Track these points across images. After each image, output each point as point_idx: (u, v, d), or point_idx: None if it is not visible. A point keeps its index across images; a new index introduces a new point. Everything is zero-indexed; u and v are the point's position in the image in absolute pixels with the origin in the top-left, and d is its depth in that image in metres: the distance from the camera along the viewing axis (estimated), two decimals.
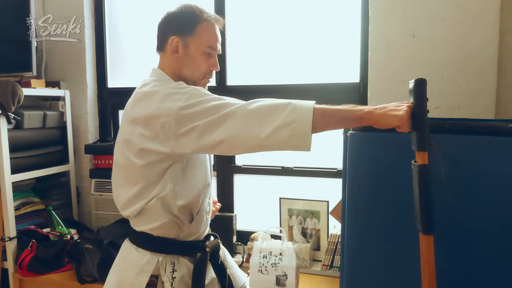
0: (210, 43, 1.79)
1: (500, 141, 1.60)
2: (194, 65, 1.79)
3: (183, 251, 1.79)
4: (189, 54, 1.78)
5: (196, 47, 1.78)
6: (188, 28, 1.78)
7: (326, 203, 2.90)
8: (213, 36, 1.80)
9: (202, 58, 1.78)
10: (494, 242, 1.62)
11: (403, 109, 1.44)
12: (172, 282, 1.72)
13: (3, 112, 2.79)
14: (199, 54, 1.78)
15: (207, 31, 1.79)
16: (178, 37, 1.78)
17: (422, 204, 1.52)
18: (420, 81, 1.52)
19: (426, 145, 1.53)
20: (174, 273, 1.74)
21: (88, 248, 2.79)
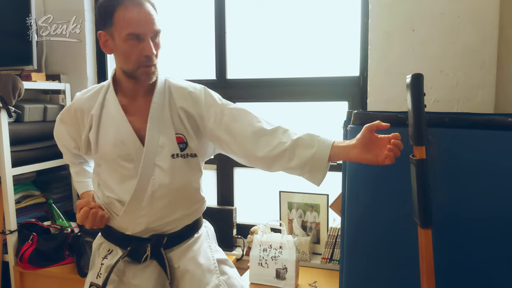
0: (129, 29, 1.64)
1: (499, 135, 1.61)
2: (123, 56, 1.69)
3: (117, 242, 1.84)
4: (116, 45, 1.69)
5: (119, 37, 1.66)
6: (107, 19, 1.67)
7: (326, 196, 2.90)
8: (131, 19, 1.64)
9: (128, 46, 1.66)
10: (492, 235, 1.63)
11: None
12: (100, 268, 1.80)
13: (3, 106, 2.79)
14: (123, 43, 1.66)
15: (124, 17, 1.64)
16: (103, 31, 1.71)
17: (420, 198, 1.53)
18: (417, 76, 1.52)
19: (424, 139, 1.53)
20: (104, 259, 1.82)
21: (89, 241, 2.80)
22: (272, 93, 3.10)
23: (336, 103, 2.98)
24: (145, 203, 1.76)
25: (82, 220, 1.74)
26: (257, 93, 3.15)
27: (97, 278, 1.79)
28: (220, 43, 3.19)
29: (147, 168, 1.74)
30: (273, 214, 3.07)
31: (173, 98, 1.82)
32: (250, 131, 1.75)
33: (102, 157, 1.80)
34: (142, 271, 1.80)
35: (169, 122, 1.80)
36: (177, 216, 1.84)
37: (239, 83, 3.20)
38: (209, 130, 1.81)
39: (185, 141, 1.80)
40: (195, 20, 3.27)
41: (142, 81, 1.74)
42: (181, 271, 1.82)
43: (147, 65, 1.69)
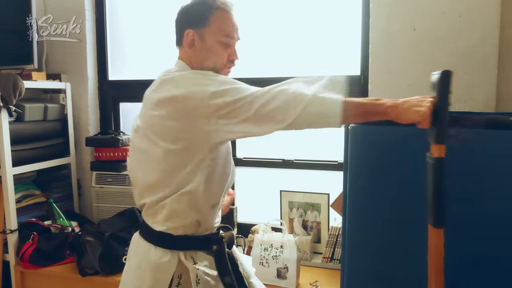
0: (226, 32, 1.74)
1: (501, 135, 1.61)
2: (214, 56, 1.75)
3: (200, 246, 1.75)
4: (206, 46, 1.74)
5: (212, 38, 1.73)
6: (202, 19, 1.73)
7: (326, 195, 2.90)
8: (227, 24, 1.76)
9: (220, 48, 1.75)
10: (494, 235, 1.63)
11: (425, 104, 1.43)
12: (197, 274, 1.67)
13: (4, 105, 2.79)
14: (216, 44, 1.74)
15: (221, 19, 1.74)
16: (193, 30, 1.74)
17: (436, 197, 1.51)
18: (446, 73, 1.49)
19: (445, 138, 1.51)
20: (196, 264, 1.69)
21: (89, 241, 2.80)
22: None
23: None
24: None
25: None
26: None
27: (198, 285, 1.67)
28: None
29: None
30: (273, 213, 3.08)
31: None
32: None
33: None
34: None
35: None
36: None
37: None
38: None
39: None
40: None
41: None
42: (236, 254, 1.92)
43: (229, 67, 1.82)
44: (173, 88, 1.62)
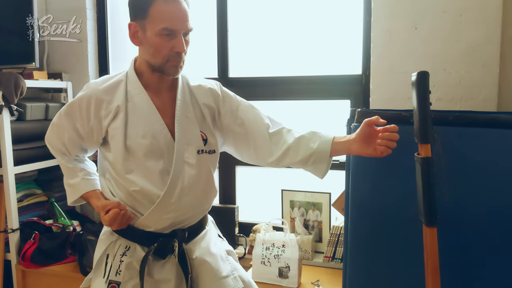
0: (165, 24, 1.65)
1: (503, 133, 1.61)
2: (154, 49, 1.69)
3: (136, 239, 1.81)
4: (147, 38, 1.69)
5: (152, 30, 1.66)
6: (142, 11, 1.67)
7: (328, 195, 2.90)
8: (167, 15, 1.65)
9: (160, 41, 1.66)
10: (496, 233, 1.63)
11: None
12: (119, 265, 1.76)
13: (6, 104, 2.79)
14: (156, 37, 1.66)
15: (161, 11, 1.65)
16: (135, 22, 1.71)
17: (426, 196, 1.53)
18: (423, 74, 1.52)
19: (429, 137, 1.53)
20: (123, 256, 1.78)
21: (91, 240, 2.80)
22: (274, 92, 3.10)
23: (338, 102, 2.98)
24: (174, 199, 1.76)
25: (111, 222, 1.71)
26: (259, 92, 3.14)
27: (116, 276, 1.76)
28: (222, 41, 3.19)
29: (179, 164, 1.76)
30: (275, 212, 3.08)
31: (194, 95, 1.87)
32: (263, 131, 1.87)
33: (130, 151, 1.75)
34: (162, 266, 1.81)
35: (193, 118, 1.83)
36: (197, 210, 1.89)
37: (241, 82, 3.19)
38: (225, 126, 1.90)
39: (205, 138, 1.84)
40: (196, 19, 3.26)
41: (169, 74, 1.76)
42: (198, 262, 1.85)
43: (174, 60, 1.71)
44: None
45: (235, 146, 1.95)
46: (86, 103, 1.78)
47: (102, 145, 1.85)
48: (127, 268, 1.77)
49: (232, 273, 1.91)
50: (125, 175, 1.76)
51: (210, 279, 1.85)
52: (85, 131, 1.82)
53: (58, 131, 1.91)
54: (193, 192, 1.81)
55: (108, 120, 1.76)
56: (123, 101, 1.76)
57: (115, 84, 1.81)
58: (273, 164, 1.87)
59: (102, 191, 1.90)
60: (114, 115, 1.76)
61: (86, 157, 2.05)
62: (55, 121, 1.91)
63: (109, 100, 1.77)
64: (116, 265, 1.77)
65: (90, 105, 1.78)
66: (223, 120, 1.89)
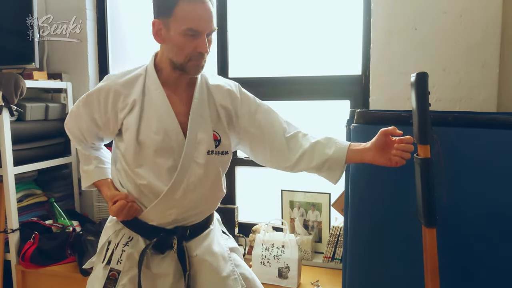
0: (189, 25, 1.65)
1: (503, 134, 1.61)
2: (177, 48, 1.69)
3: (140, 231, 1.83)
4: (171, 37, 1.69)
5: (176, 29, 1.67)
6: (167, 10, 1.67)
7: (327, 195, 2.90)
8: (192, 16, 1.65)
9: (184, 40, 1.67)
10: (496, 234, 1.63)
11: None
12: (121, 254, 1.79)
13: (5, 104, 2.79)
14: (179, 36, 1.67)
15: (186, 11, 1.65)
16: (159, 20, 1.70)
17: (425, 197, 1.53)
18: (422, 75, 1.52)
19: (428, 138, 1.53)
20: (125, 246, 1.80)
21: (91, 240, 2.80)
22: (274, 92, 3.10)
23: (338, 102, 2.98)
24: (178, 196, 1.77)
25: (117, 213, 1.73)
26: (259, 92, 3.11)
27: (117, 264, 1.78)
28: (222, 41, 3.19)
29: (186, 162, 1.77)
30: (274, 212, 3.08)
31: (211, 95, 1.87)
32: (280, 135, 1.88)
33: (142, 145, 1.77)
34: (162, 261, 1.82)
35: (208, 118, 1.83)
36: (202, 208, 1.88)
37: (241, 82, 3.13)
38: (242, 127, 1.89)
39: (218, 139, 1.84)
40: None
41: (190, 73, 1.76)
42: (198, 260, 1.85)
43: (196, 60, 1.72)
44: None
45: (251, 148, 1.95)
46: (104, 94, 1.80)
47: (117, 136, 1.87)
48: (128, 258, 1.78)
49: (233, 273, 1.90)
50: (135, 168, 1.78)
51: (209, 278, 1.85)
52: (102, 121, 1.84)
53: (76, 119, 1.93)
54: (199, 191, 1.81)
55: (124, 113, 1.78)
56: (140, 95, 1.78)
57: (134, 78, 1.82)
58: (288, 169, 1.89)
59: (112, 180, 1.92)
60: (130, 109, 1.78)
61: (102, 145, 2.09)
62: (74, 110, 1.93)
63: (127, 94, 1.79)
64: (118, 254, 1.79)
65: (108, 97, 1.79)
66: (240, 122, 1.89)
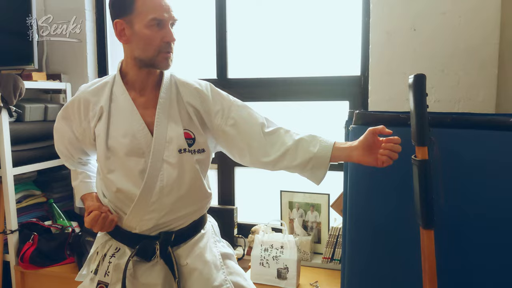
0: (153, 14, 1.65)
1: (501, 136, 1.61)
2: (144, 42, 1.68)
3: (125, 241, 1.82)
4: (136, 32, 1.68)
5: (140, 23, 1.66)
6: (128, 7, 1.67)
7: (327, 196, 2.90)
8: (154, 5, 1.66)
9: (150, 32, 1.67)
10: (494, 236, 1.63)
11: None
12: (108, 266, 1.78)
13: (4, 105, 2.79)
14: (145, 29, 1.66)
15: (147, 2, 1.66)
16: (121, 19, 1.70)
17: (422, 198, 1.53)
18: (419, 77, 1.52)
19: (426, 140, 1.53)
20: (112, 258, 1.79)
21: (90, 241, 2.80)
22: (273, 93, 3.10)
23: (337, 103, 2.98)
24: (154, 199, 1.74)
25: (92, 224, 1.74)
26: (258, 93, 3.15)
27: (105, 277, 1.77)
28: (221, 42, 3.19)
29: (156, 163, 1.74)
30: (274, 213, 3.08)
31: (180, 93, 1.83)
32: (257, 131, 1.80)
33: (112, 150, 1.76)
34: (150, 270, 1.79)
35: (177, 117, 1.80)
36: (185, 212, 1.83)
37: (240, 83, 3.20)
38: (216, 126, 1.83)
39: (193, 137, 1.79)
40: (195, 19, 3.27)
41: (160, 67, 1.75)
42: (188, 269, 1.82)
43: (167, 51, 1.71)
44: None
45: (227, 147, 1.88)
46: (77, 105, 1.83)
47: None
48: (115, 269, 1.76)
49: (225, 282, 1.86)
50: (107, 174, 1.78)
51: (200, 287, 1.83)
52: (79, 132, 1.85)
53: (59, 135, 1.95)
54: (175, 193, 1.77)
55: (94, 121, 1.79)
56: (107, 102, 1.78)
57: (102, 86, 1.83)
58: (268, 165, 1.82)
59: (97, 192, 1.92)
60: (99, 116, 1.78)
61: (91, 160, 2.06)
62: (56, 126, 1.95)
63: (95, 101, 1.80)
64: (105, 266, 1.79)
65: (80, 107, 1.81)
66: (213, 120, 1.83)
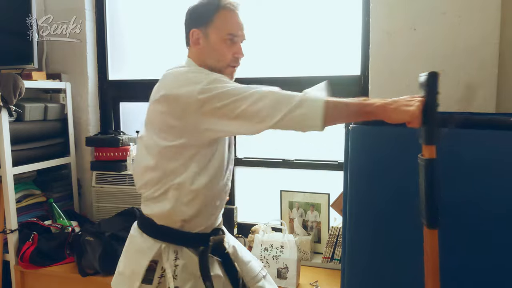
0: (230, 30, 1.77)
1: (502, 135, 1.61)
2: (218, 54, 1.78)
3: (186, 242, 1.78)
4: (210, 43, 1.78)
5: (216, 36, 1.77)
6: (207, 18, 1.78)
7: (327, 195, 2.90)
8: (232, 22, 1.79)
9: (224, 46, 1.78)
10: (494, 235, 1.63)
11: (415, 104, 1.44)
12: (175, 270, 1.73)
13: (4, 105, 2.79)
14: (220, 42, 1.77)
15: (226, 18, 1.78)
16: (198, 29, 1.79)
17: (428, 198, 1.51)
18: (433, 74, 1.50)
19: (435, 139, 1.51)
20: (176, 260, 1.74)
21: (90, 241, 2.80)
22: None
23: None
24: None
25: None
26: None
27: (174, 280, 1.72)
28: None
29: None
30: (274, 213, 3.08)
31: None
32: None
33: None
34: (213, 264, 1.83)
35: None
36: (222, 210, 1.94)
37: (240, 83, 3.17)
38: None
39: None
40: None
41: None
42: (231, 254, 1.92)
43: (234, 65, 1.84)
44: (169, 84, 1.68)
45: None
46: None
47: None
48: (182, 271, 1.74)
49: (252, 257, 2.04)
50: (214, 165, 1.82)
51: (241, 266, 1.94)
52: None
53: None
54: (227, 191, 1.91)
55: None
56: None
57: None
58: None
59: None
60: None
61: None
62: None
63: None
64: (171, 270, 1.74)
65: None
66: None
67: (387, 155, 1.71)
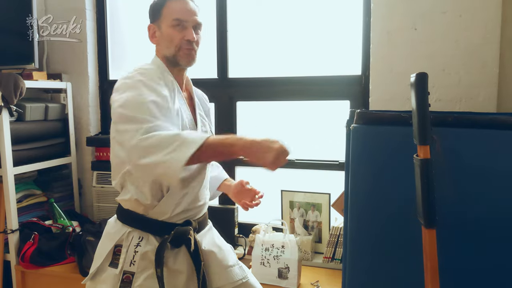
0: (176, 15, 1.84)
1: (503, 135, 1.61)
2: (167, 41, 1.87)
3: (151, 229, 1.83)
4: (162, 34, 1.88)
5: (165, 24, 1.86)
6: (158, 11, 1.89)
7: (327, 195, 2.90)
8: (178, 9, 1.86)
9: (172, 31, 1.85)
10: (495, 235, 1.63)
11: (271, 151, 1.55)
12: (134, 255, 1.78)
13: (5, 105, 2.79)
14: (169, 29, 1.85)
15: (171, 7, 1.86)
16: (152, 24, 1.92)
17: (424, 198, 1.52)
18: (421, 75, 1.52)
19: (428, 139, 1.53)
20: (137, 247, 1.79)
21: (90, 241, 2.80)
22: (273, 92, 3.10)
23: (337, 102, 2.98)
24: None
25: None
26: (259, 92, 3.15)
27: (130, 266, 1.78)
28: (222, 42, 3.19)
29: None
30: (274, 213, 3.07)
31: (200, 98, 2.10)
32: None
33: None
34: (176, 256, 1.84)
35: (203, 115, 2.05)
36: (203, 202, 1.98)
37: (241, 82, 3.19)
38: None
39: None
40: None
41: (182, 63, 1.89)
42: (205, 252, 1.93)
43: (186, 48, 1.86)
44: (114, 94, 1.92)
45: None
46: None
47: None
48: (142, 258, 1.78)
49: (237, 262, 2.04)
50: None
51: (218, 269, 1.95)
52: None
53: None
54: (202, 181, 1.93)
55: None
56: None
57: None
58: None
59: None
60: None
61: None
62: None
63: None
64: (131, 255, 1.79)
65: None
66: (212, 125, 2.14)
67: (388, 155, 1.71)
